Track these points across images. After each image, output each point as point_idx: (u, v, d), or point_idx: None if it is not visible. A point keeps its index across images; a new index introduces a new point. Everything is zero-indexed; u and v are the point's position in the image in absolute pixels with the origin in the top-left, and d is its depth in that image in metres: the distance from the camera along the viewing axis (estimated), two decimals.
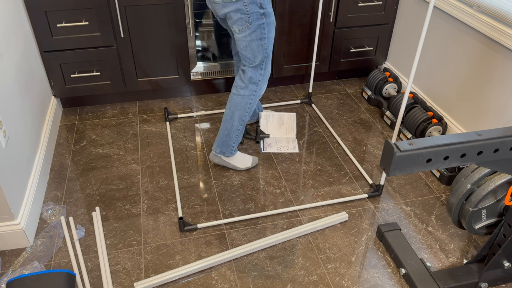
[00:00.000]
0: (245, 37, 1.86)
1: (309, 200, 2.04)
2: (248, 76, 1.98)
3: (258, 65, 1.95)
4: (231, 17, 1.83)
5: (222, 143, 2.11)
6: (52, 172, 2.18)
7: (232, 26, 1.87)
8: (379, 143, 2.42)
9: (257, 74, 1.98)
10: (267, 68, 2.00)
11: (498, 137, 1.19)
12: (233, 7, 1.79)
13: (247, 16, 1.80)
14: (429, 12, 1.58)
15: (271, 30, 1.89)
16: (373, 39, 2.80)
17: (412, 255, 1.71)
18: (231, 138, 2.09)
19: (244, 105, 2.03)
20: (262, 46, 1.90)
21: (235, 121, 2.06)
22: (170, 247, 1.80)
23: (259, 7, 1.80)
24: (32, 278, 1.47)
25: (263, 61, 1.94)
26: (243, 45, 1.90)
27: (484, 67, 2.09)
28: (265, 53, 1.92)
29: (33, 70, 2.21)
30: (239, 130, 2.09)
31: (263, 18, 1.83)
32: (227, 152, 2.14)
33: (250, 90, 2.01)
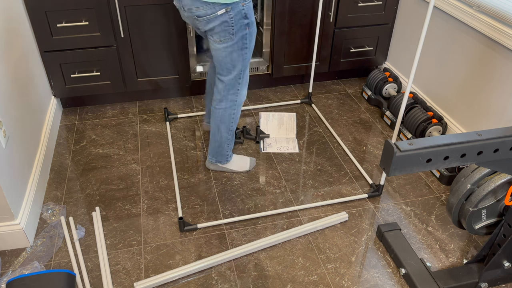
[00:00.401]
0: (226, 48, 1.79)
1: (309, 200, 2.04)
2: (226, 87, 1.92)
3: (237, 76, 1.89)
4: (214, 29, 1.75)
5: (216, 153, 2.11)
6: (52, 172, 2.18)
7: (213, 36, 1.78)
8: (379, 143, 2.42)
9: (235, 83, 1.91)
10: (245, 76, 1.93)
11: (498, 137, 1.19)
12: (218, 21, 1.72)
13: (232, 28, 1.74)
14: (429, 12, 1.58)
15: (253, 39, 1.84)
16: (373, 39, 2.80)
17: (412, 255, 1.71)
18: (223, 148, 2.08)
19: (227, 117, 1.99)
20: (242, 56, 1.83)
21: (223, 133, 2.03)
22: (170, 247, 1.80)
23: (244, 17, 1.74)
24: (32, 278, 1.47)
25: (241, 70, 1.88)
26: (223, 55, 1.82)
27: (484, 67, 2.09)
28: (243, 61, 1.86)
29: (33, 70, 2.21)
30: (229, 140, 2.06)
31: (247, 28, 1.77)
32: (223, 161, 2.13)
33: (230, 102, 1.96)
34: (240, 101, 1.99)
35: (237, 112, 2.01)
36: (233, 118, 2.01)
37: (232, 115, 2.00)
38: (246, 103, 2.73)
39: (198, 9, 1.70)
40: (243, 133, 2.44)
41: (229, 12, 1.69)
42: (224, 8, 1.67)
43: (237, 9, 1.70)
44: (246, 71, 1.93)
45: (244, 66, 1.88)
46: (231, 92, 1.94)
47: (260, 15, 2.93)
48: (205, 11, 1.69)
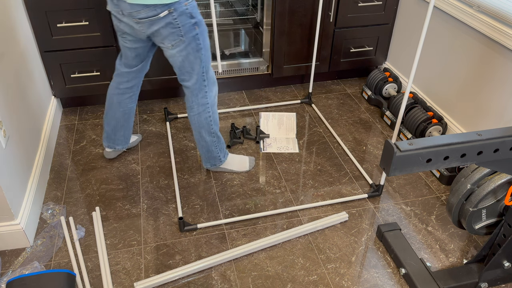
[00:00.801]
0: (181, 52, 1.73)
1: (309, 200, 2.04)
2: (193, 93, 1.87)
3: (200, 78, 1.83)
4: (161, 33, 1.68)
5: (208, 158, 2.07)
6: (52, 172, 2.18)
7: (163, 42, 1.72)
8: (379, 143, 2.42)
9: (201, 87, 1.86)
10: (209, 74, 1.88)
11: (498, 137, 1.19)
12: (162, 23, 1.65)
13: (179, 29, 1.67)
14: (429, 12, 1.58)
15: (206, 38, 1.78)
16: (373, 39, 2.80)
17: (412, 255, 1.71)
18: (213, 151, 2.04)
19: (204, 120, 1.94)
20: (200, 58, 1.78)
21: (206, 137, 1.98)
22: (170, 247, 1.80)
23: (190, 17, 1.67)
24: (32, 278, 1.47)
25: (203, 71, 1.82)
26: (180, 60, 1.76)
27: (484, 67, 2.09)
28: (203, 63, 1.80)
29: (33, 70, 2.21)
30: (215, 142, 2.02)
31: (196, 28, 1.71)
32: (217, 163, 2.10)
33: (202, 105, 1.90)
34: (213, 102, 1.93)
35: (213, 113, 1.95)
36: (211, 120, 1.96)
37: (209, 118, 1.94)
38: (246, 103, 2.73)
39: (139, 12, 1.63)
40: (243, 133, 2.44)
41: (172, 14, 1.63)
42: (166, 9, 1.62)
43: (180, 9, 1.64)
44: (209, 72, 1.87)
45: (205, 67, 1.82)
46: (200, 96, 1.88)
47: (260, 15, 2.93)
48: (146, 14, 1.63)
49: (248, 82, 2.84)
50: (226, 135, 2.45)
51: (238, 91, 2.86)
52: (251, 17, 3.14)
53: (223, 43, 3.03)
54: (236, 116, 2.62)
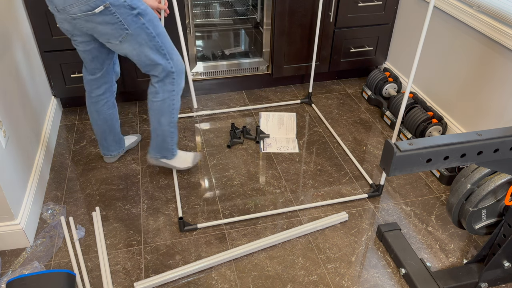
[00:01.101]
0: (132, 45, 1.66)
1: (309, 200, 2.04)
2: (159, 80, 1.80)
3: (165, 66, 1.76)
4: (102, 31, 1.61)
5: (160, 148, 2.00)
6: (52, 172, 2.18)
7: (110, 41, 1.65)
8: (379, 143, 2.42)
9: (168, 73, 1.79)
10: (175, 61, 1.79)
11: (498, 137, 1.19)
12: (99, 19, 1.57)
13: (121, 23, 1.59)
14: (429, 12, 1.58)
15: (157, 24, 1.69)
16: (373, 39, 2.80)
17: (412, 255, 1.71)
18: (168, 142, 1.98)
19: (167, 108, 1.87)
20: (156, 46, 1.70)
21: (165, 126, 1.92)
22: (170, 247, 1.80)
23: (130, 8, 1.59)
24: (32, 278, 1.47)
25: (167, 58, 1.75)
26: (135, 54, 1.69)
27: (484, 67, 2.09)
28: (163, 51, 1.73)
29: (33, 70, 2.21)
30: (172, 133, 1.96)
31: (140, 18, 1.62)
32: (168, 156, 2.04)
33: (168, 92, 1.84)
34: (179, 90, 1.87)
35: (177, 101, 1.89)
36: (173, 109, 1.89)
37: (172, 106, 1.87)
38: (246, 103, 2.73)
39: (72, 7, 1.55)
40: (243, 133, 2.44)
41: (109, 9, 1.55)
42: (101, 4, 1.54)
43: (117, 3, 1.56)
44: (175, 57, 1.79)
45: (167, 53, 1.74)
46: (167, 82, 1.81)
47: (260, 15, 2.93)
48: (79, 8, 1.55)
49: (248, 82, 2.84)
50: (226, 135, 2.45)
51: (238, 91, 2.86)
52: (251, 17, 3.14)
53: (223, 43, 3.03)
54: (236, 116, 2.62)
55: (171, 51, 1.77)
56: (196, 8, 3.21)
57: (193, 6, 2.49)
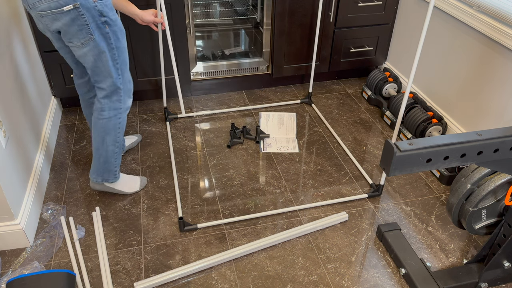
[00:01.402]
0: (91, 50, 1.63)
1: (309, 200, 2.04)
2: (107, 95, 1.77)
3: (114, 80, 1.73)
4: (68, 31, 1.58)
5: (102, 170, 1.92)
6: (52, 172, 2.18)
7: (71, 41, 1.62)
8: (379, 143, 2.42)
9: (116, 89, 1.76)
10: (125, 78, 1.78)
11: (498, 137, 1.19)
12: (67, 18, 1.55)
13: (87, 26, 1.57)
14: (429, 12, 1.58)
15: (120, 39, 1.69)
16: (373, 39, 2.80)
17: (412, 255, 1.71)
18: (111, 163, 1.91)
19: (113, 127, 1.82)
20: (112, 58, 1.69)
21: (109, 146, 1.86)
22: (170, 247, 1.80)
23: (99, 15, 1.58)
24: (32, 278, 1.47)
25: (118, 74, 1.73)
26: (92, 60, 1.66)
27: (484, 67, 2.09)
28: (117, 65, 1.71)
29: (33, 70, 2.21)
30: (116, 153, 1.90)
31: (106, 27, 1.62)
32: (110, 178, 1.96)
33: (115, 110, 1.80)
34: (125, 108, 1.83)
35: (123, 120, 1.85)
36: (119, 128, 1.85)
37: (118, 125, 1.84)
38: (246, 103, 2.73)
39: (41, 2, 1.53)
40: (243, 133, 2.44)
41: (78, 9, 1.54)
42: (71, 3, 1.52)
43: (87, 5, 1.55)
44: (125, 75, 1.78)
45: (120, 69, 1.73)
46: (114, 99, 1.78)
47: (260, 15, 2.93)
48: (48, 5, 1.53)
49: (248, 82, 2.84)
50: (226, 135, 2.45)
51: (238, 91, 2.86)
52: (251, 17, 3.14)
53: (223, 43, 3.03)
54: (236, 116, 2.62)
55: (124, 67, 1.76)
56: (196, 8, 3.21)
57: (193, 6, 2.49)
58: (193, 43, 2.57)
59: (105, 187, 1.99)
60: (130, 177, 2.06)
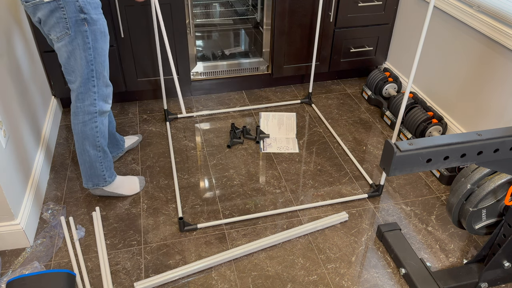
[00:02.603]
0: (66, 46, 1.59)
1: (309, 200, 2.04)
2: (78, 97, 1.71)
3: (86, 81, 1.67)
4: (46, 22, 1.55)
5: (90, 176, 1.88)
6: (52, 172, 2.18)
7: (50, 34, 1.59)
8: (379, 143, 2.42)
9: (88, 92, 1.70)
10: (101, 83, 1.72)
11: (498, 137, 1.19)
12: (46, 9, 1.52)
13: (65, 21, 1.54)
14: (429, 12, 1.58)
15: (99, 40, 1.63)
16: (373, 39, 2.80)
17: (412, 255, 1.71)
18: (97, 168, 1.86)
19: (90, 131, 1.76)
20: (86, 58, 1.63)
21: (90, 151, 1.81)
22: (170, 247, 1.80)
23: (79, 11, 1.54)
24: (32, 278, 1.47)
25: (92, 75, 1.67)
26: (65, 56, 1.62)
27: (484, 67, 2.09)
28: (92, 66, 1.65)
29: (33, 70, 2.21)
30: (100, 157, 1.84)
31: (85, 25, 1.57)
32: (101, 183, 1.91)
33: (89, 114, 1.74)
34: (101, 112, 1.77)
35: (101, 124, 1.79)
36: (98, 132, 1.78)
37: (95, 129, 1.77)
38: (246, 103, 2.73)
39: None
40: (243, 133, 2.44)
41: (58, 1, 1.51)
42: None
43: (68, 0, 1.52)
44: (101, 79, 1.71)
45: (95, 71, 1.67)
46: (87, 103, 1.72)
47: (260, 15, 2.93)
48: None
49: (248, 82, 2.84)
50: (226, 135, 2.45)
51: (238, 91, 2.86)
52: (251, 17, 3.14)
53: (223, 43, 3.03)
54: (236, 116, 2.62)
55: (101, 70, 1.69)
56: (196, 8, 3.21)
57: (193, 6, 2.48)
58: (193, 43, 2.57)
59: (104, 192, 1.98)
60: (128, 178, 2.05)
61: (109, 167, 1.91)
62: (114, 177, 1.96)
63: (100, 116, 1.78)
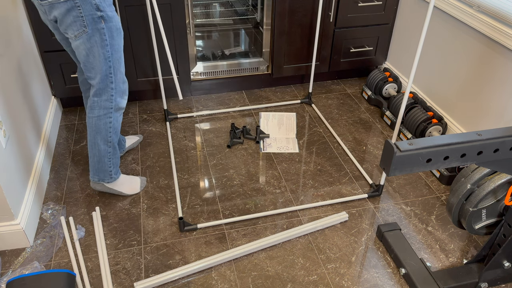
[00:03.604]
0: (84, 44, 1.62)
1: (309, 200, 2.04)
2: (96, 93, 1.75)
3: (105, 77, 1.71)
4: (63, 20, 1.58)
5: (97, 170, 1.91)
6: (52, 172, 2.18)
7: (67, 32, 1.61)
8: (379, 143, 2.42)
9: (106, 88, 1.74)
10: (118, 79, 1.76)
11: (498, 137, 1.19)
12: (63, 8, 1.54)
13: (82, 19, 1.56)
14: (429, 12, 1.58)
15: (115, 36, 1.67)
16: (373, 39, 2.80)
17: (412, 255, 1.71)
18: (105, 163, 1.89)
19: (103, 126, 1.80)
20: (104, 55, 1.66)
21: (101, 145, 1.84)
22: (170, 247, 1.80)
23: (95, 9, 1.57)
24: (32, 278, 1.47)
25: (110, 72, 1.71)
26: (84, 54, 1.65)
27: (484, 67, 2.09)
28: (109, 63, 1.69)
29: (33, 70, 2.21)
30: (109, 153, 1.87)
31: (102, 22, 1.60)
32: (106, 178, 1.94)
33: (105, 109, 1.77)
34: (117, 109, 1.81)
35: (115, 121, 1.82)
36: (111, 128, 1.81)
37: (109, 124, 1.80)
38: (246, 103, 2.73)
39: None
40: (243, 133, 2.44)
41: (75, 0, 1.53)
42: None
43: None
44: (118, 75, 1.75)
45: (112, 67, 1.71)
46: (104, 98, 1.76)
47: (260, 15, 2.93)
48: None
49: (248, 82, 2.84)
50: (226, 135, 2.45)
51: (238, 91, 2.86)
52: (251, 17, 3.14)
53: (223, 43, 3.03)
54: (236, 116, 2.62)
55: (117, 66, 1.73)
56: (196, 8, 3.21)
57: (193, 6, 2.48)
58: (193, 43, 2.57)
59: (104, 188, 1.98)
60: (131, 178, 2.06)
61: (116, 164, 1.93)
62: (118, 175, 1.98)
63: (115, 112, 1.81)
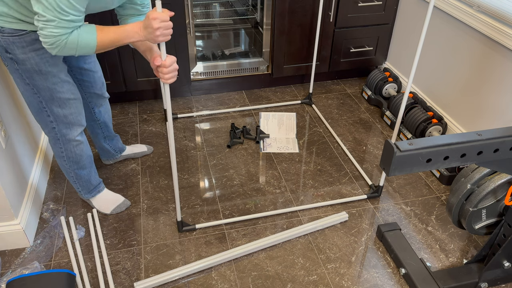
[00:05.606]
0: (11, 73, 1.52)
1: (309, 200, 2.04)
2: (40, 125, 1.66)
3: (39, 111, 1.59)
4: None
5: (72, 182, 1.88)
6: (52, 172, 2.18)
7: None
8: (379, 143, 2.42)
9: (45, 121, 1.62)
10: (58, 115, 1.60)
11: (498, 137, 1.19)
12: None
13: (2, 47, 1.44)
14: (429, 12, 1.58)
15: (36, 78, 1.50)
16: (373, 39, 2.80)
17: (412, 255, 1.71)
18: (72, 182, 1.86)
19: (58, 154, 1.73)
20: (30, 91, 1.53)
21: (63, 167, 1.79)
22: (170, 247, 1.80)
23: (4, 50, 1.44)
24: (32, 278, 1.47)
25: (43, 106, 1.57)
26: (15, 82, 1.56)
27: (484, 67, 2.09)
28: (39, 98, 1.54)
29: None
30: (72, 177, 1.82)
31: (15, 64, 1.46)
32: (79, 192, 1.91)
33: (53, 139, 1.68)
34: (67, 140, 1.68)
35: (69, 152, 1.72)
36: (64, 158, 1.73)
37: (61, 154, 1.72)
38: (246, 103, 2.73)
39: None
40: (243, 133, 2.44)
41: None
42: None
43: None
44: (58, 111, 1.60)
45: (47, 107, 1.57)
46: (47, 131, 1.66)
47: (260, 15, 2.93)
48: None
49: (248, 82, 2.84)
50: (226, 135, 2.45)
51: (238, 91, 2.86)
52: (251, 17, 3.14)
53: (223, 43, 3.03)
54: (236, 116, 2.62)
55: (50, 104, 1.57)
56: (196, 8, 3.21)
57: (193, 6, 2.48)
58: (193, 43, 2.57)
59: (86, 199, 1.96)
60: (113, 196, 1.97)
61: (84, 186, 1.87)
62: (94, 194, 1.92)
63: (66, 143, 1.69)
